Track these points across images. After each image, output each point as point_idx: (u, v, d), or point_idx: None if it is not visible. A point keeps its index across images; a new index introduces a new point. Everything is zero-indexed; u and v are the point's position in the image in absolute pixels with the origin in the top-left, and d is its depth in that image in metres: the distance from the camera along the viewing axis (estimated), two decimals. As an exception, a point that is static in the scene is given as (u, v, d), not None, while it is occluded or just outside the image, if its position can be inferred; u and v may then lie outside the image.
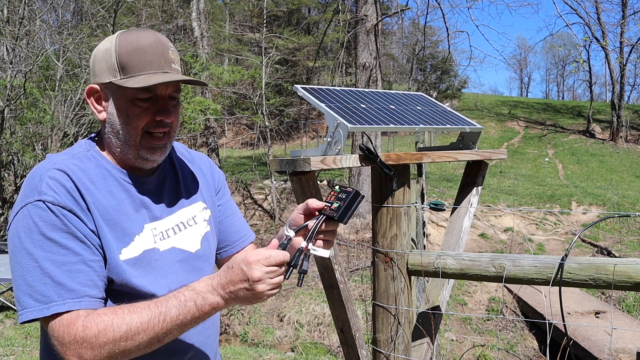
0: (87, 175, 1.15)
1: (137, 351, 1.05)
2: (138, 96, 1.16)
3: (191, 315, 1.05)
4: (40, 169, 1.13)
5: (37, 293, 1.04)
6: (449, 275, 1.84)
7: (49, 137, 9.85)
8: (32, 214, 1.07)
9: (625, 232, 10.64)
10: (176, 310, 1.04)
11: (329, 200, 1.16)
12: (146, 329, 1.03)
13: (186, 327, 1.07)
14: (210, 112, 11.96)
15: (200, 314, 1.06)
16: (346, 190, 1.15)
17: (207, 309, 1.06)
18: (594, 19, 22.14)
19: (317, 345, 7.17)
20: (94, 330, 1.01)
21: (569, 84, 65.15)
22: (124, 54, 1.15)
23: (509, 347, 6.99)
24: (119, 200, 1.17)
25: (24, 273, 1.06)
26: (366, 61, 10.63)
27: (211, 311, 1.07)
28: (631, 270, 1.52)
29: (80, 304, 1.05)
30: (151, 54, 1.16)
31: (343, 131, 1.79)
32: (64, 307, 1.04)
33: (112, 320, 1.02)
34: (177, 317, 1.04)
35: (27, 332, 6.19)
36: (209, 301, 1.06)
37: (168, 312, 1.04)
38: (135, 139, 1.17)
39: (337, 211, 1.13)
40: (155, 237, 1.21)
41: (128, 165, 1.22)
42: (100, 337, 1.01)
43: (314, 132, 24.39)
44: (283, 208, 12.13)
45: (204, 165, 1.42)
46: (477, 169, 2.33)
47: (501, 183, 14.74)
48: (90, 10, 11.74)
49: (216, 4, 25.29)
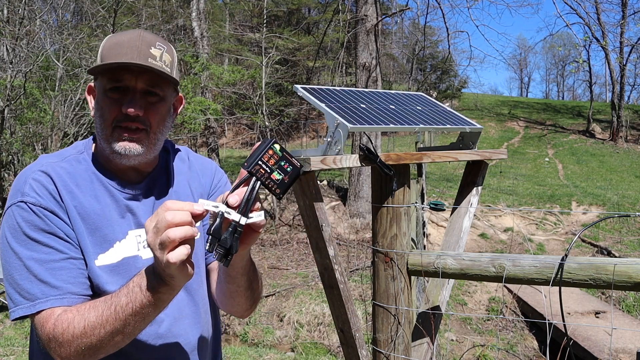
0: (73, 179, 1.15)
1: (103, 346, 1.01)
2: (108, 86, 1.14)
3: (139, 302, 0.95)
4: (26, 171, 1.15)
5: (24, 291, 1.07)
6: (449, 275, 1.84)
7: (49, 137, 9.85)
8: (16, 215, 1.10)
9: (625, 232, 10.64)
10: (125, 298, 0.97)
11: (265, 161, 0.93)
12: (102, 322, 0.98)
13: (141, 315, 0.97)
14: (210, 112, 11.96)
15: (147, 299, 0.95)
16: (291, 161, 0.95)
17: (150, 291, 0.94)
18: (594, 19, 22.16)
19: (317, 345, 7.17)
20: (59, 329, 1.03)
21: (569, 84, 65.21)
22: (106, 48, 1.16)
23: (509, 347, 6.99)
24: (104, 205, 1.16)
25: (11, 271, 1.08)
26: (366, 61, 10.62)
27: (155, 295, 0.95)
28: (631, 270, 1.52)
29: (62, 300, 1.07)
30: (127, 47, 1.13)
31: (343, 131, 1.79)
32: (47, 304, 1.06)
33: (74, 317, 1.02)
34: (127, 305, 0.96)
35: (27, 332, 6.19)
36: (150, 281, 0.94)
37: (118, 301, 0.97)
38: (106, 132, 1.15)
39: (279, 185, 0.94)
40: (139, 244, 1.20)
41: (116, 167, 1.21)
42: (65, 334, 1.02)
43: (314, 132, 24.39)
44: (283, 208, 12.13)
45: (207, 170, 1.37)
46: (477, 169, 2.33)
47: (501, 183, 14.74)
48: (90, 10, 11.74)
49: (216, 4, 25.29)
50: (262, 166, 0.93)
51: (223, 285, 1.20)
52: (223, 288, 1.22)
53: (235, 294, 1.19)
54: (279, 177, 0.94)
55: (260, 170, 0.93)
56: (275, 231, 11.27)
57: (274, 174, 0.94)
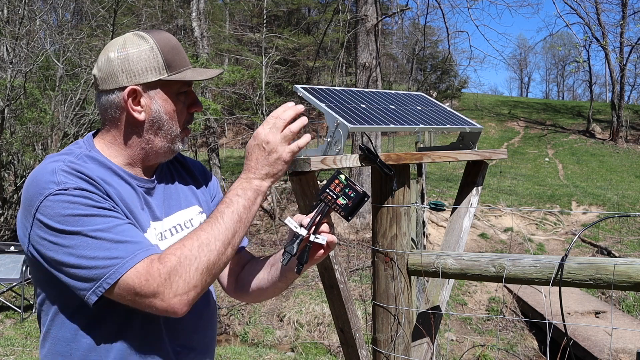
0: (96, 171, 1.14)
1: (218, 262, 1.07)
2: (182, 90, 1.22)
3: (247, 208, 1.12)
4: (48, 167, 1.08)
5: (102, 260, 0.99)
6: (449, 275, 1.84)
7: (49, 137, 9.84)
8: (57, 204, 1.02)
9: (625, 232, 10.64)
10: (230, 212, 1.10)
11: (332, 189, 1.13)
12: (215, 236, 1.07)
13: (245, 222, 1.12)
14: (210, 112, 11.95)
15: (252, 201, 1.13)
16: (354, 188, 1.13)
17: (256, 193, 1.14)
18: (594, 19, 22.16)
19: (317, 345, 7.17)
20: (173, 260, 1.02)
21: (569, 84, 65.18)
22: (167, 52, 1.19)
23: (509, 347, 6.99)
24: (131, 194, 1.18)
25: (81, 250, 1.00)
26: (366, 61, 10.63)
27: (261, 194, 1.15)
28: (631, 270, 1.52)
29: (148, 251, 1.04)
30: (183, 51, 1.23)
31: (343, 131, 1.78)
32: (138, 257, 1.01)
33: (182, 245, 1.04)
34: (235, 216, 1.10)
35: (27, 332, 6.19)
36: (254, 184, 1.14)
37: (227, 218, 1.09)
38: (176, 133, 1.23)
39: (344, 209, 1.13)
40: (156, 236, 1.22)
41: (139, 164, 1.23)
42: (181, 260, 1.02)
43: (314, 132, 24.38)
44: (283, 208, 12.13)
45: (197, 170, 1.43)
46: (477, 169, 2.33)
47: (501, 183, 14.74)
48: (90, 10, 11.73)
49: (216, 4, 25.28)
50: (330, 194, 1.14)
51: (271, 280, 1.31)
52: (268, 281, 1.32)
53: (278, 288, 1.32)
54: (344, 202, 1.13)
55: (327, 197, 1.13)
56: (275, 231, 11.27)
57: (339, 200, 1.13)
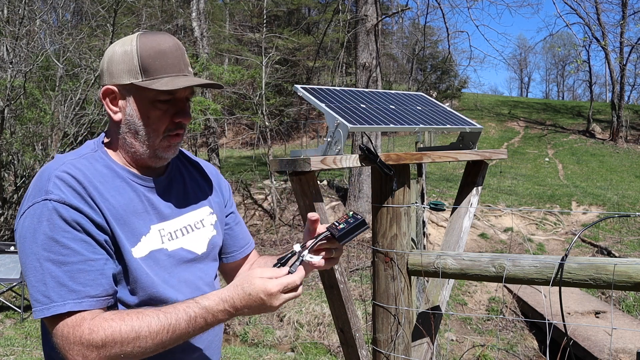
0: (95, 175, 1.15)
1: (139, 356, 1.06)
2: (159, 98, 1.17)
3: (199, 329, 1.10)
4: (48, 169, 1.13)
5: (39, 293, 1.06)
6: (449, 275, 1.84)
7: (49, 137, 9.83)
8: (38, 214, 1.07)
9: (625, 232, 10.64)
10: (185, 324, 1.08)
11: (338, 221, 1.25)
12: (154, 338, 1.05)
13: (193, 336, 1.11)
14: (210, 112, 11.96)
15: (209, 327, 1.11)
16: (356, 217, 1.24)
17: (216, 324, 1.11)
18: (594, 19, 22.16)
19: (317, 345, 7.17)
20: (101, 335, 1.03)
21: (569, 84, 65.08)
22: (146, 56, 1.15)
23: (509, 347, 6.99)
24: (127, 199, 1.18)
25: (29, 272, 1.08)
26: (366, 61, 10.63)
27: (217, 324, 1.13)
28: (631, 270, 1.52)
29: (81, 304, 1.06)
30: (172, 57, 1.17)
31: (343, 131, 1.79)
32: (64, 308, 1.05)
33: (120, 326, 1.04)
34: (186, 330, 1.08)
35: (27, 332, 6.18)
36: (220, 318, 1.10)
37: (178, 325, 1.07)
38: (155, 141, 1.19)
39: (339, 231, 1.21)
40: (164, 237, 1.22)
41: (139, 165, 1.23)
42: (107, 341, 1.03)
43: (314, 132, 24.38)
44: (283, 208, 12.13)
45: (211, 173, 1.44)
46: (477, 169, 2.33)
47: (501, 183, 14.74)
48: (90, 10, 11.73)
49: (216, 4, 25.29)
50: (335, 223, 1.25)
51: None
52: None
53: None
54: (342, 226, 1.22)
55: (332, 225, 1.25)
56: (275, 231, 11.27)
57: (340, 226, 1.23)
